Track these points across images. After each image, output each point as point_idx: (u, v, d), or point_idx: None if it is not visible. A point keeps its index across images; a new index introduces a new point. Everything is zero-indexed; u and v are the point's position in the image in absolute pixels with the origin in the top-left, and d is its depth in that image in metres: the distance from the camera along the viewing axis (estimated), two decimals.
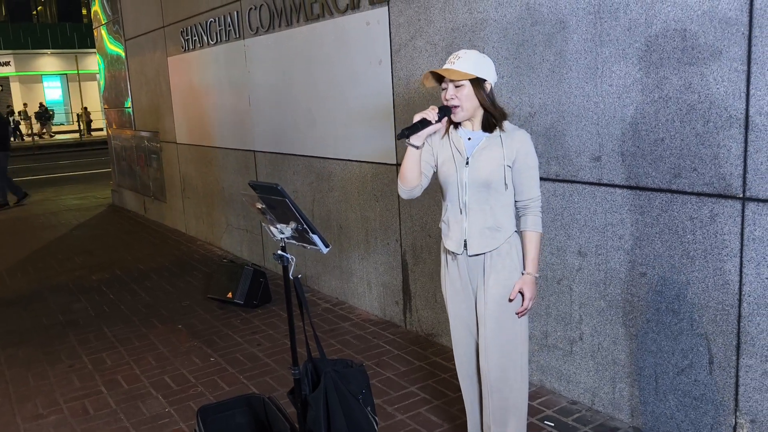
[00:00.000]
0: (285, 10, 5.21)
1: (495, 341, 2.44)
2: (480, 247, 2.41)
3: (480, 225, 2.40)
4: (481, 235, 2.40)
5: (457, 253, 2.46)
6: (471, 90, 2.34)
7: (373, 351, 4.17)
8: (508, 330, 2.44)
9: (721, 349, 2.68)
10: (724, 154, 2.56)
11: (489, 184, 2.37)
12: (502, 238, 2.41)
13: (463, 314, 2.55)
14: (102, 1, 10.00)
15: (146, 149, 9.10)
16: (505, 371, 2.46)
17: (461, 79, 2.31)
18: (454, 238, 2.46)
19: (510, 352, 2.45)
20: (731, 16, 2.47)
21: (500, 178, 2.37)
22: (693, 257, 2.72)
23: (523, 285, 2.41)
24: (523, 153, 2.38)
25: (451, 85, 2.34)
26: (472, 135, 2.42)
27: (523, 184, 2.41)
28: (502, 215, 2.41)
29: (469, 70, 2.32)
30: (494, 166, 2.36)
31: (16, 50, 31.83)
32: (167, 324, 4.91)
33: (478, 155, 2.38)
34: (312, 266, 5.47)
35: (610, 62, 2.90)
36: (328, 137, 4.98)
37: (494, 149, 2.37)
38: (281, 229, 2.45)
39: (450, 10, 3.68)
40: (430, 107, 2.37)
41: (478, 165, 2.37)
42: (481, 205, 2.40)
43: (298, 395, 2.56)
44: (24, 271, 6.79)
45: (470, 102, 2.35)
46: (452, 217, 2.46)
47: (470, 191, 2.39)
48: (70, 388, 3.89)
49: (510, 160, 2.37)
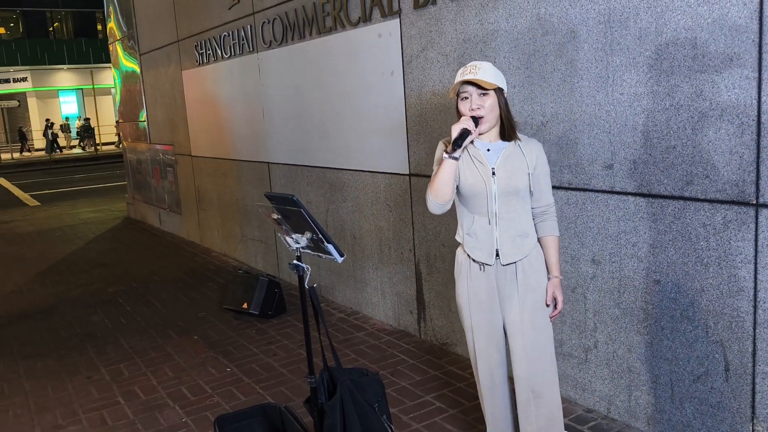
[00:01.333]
0: (298, 24, 5.27)
1: (534, 347, 2.47)
2: (513, 255, 2.44)
3: (511, 233, 2.43)
4: (513, 243, 2.43)
5: (488, 263, 2.46)
6: (494, 99, 2.38)
7: (388, 360, 4.18)
8: (544, 335, 2.49)
9: (737, 356, 2.67)
10: (737, 160, 2.56)
11: (517, 192, 2.42)
12: (530, 244, 2.46)
13: (486, 326, 2.53)
14: (117, 17, 10.15)
15: (161, 162, 9.20)
16: (545, 375, 2.49)
17: (490, 88, 2.35)
18: (485, 249, 2.46)
19: (548, 356, 2.50)
20: (741, 24, 2.48)
21: (526, 186, 2.42)
22: (707, 264, 2.72)
23: (555, 289, 2.48)
24: (542, 161, 2.46)
25: (476, 95, 2.36)
26: (490, 146, 2.45)
27: (542, 190, 2.47)
28: (527, 221, 2.47)
29: (492, 80, 2.35)
30: (520, 174, 2.41)
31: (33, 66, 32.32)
32: (183, 335, 4.95)
33: (503, 165, 2.41)
34: (326, 276, 5.50)
35: (621, 71, 2.91)
36: (341, 148, 5.03)
37: (516, 158, 2.42)
38: (296, 239, 2.48)
39: (461, 21, 3.72)
40: (462, 117, 2.38)
41: (506, 174, 2.41)
42: (510, 213, 2.43)
43: (314, 404, 2.58)
44: (41, 283, 6.87)
45: (493, 112, 2.39)
46: (480, 228, 2.46)
47: (500, 200, 2.42)
48: (88, 399, 3.94)
49: (532, 167, 2.43)
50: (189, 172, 8.21)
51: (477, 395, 3.57)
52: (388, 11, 4.26)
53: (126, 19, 9.69)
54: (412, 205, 4.36)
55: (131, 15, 9.34)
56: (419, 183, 4.26)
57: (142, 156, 10.07)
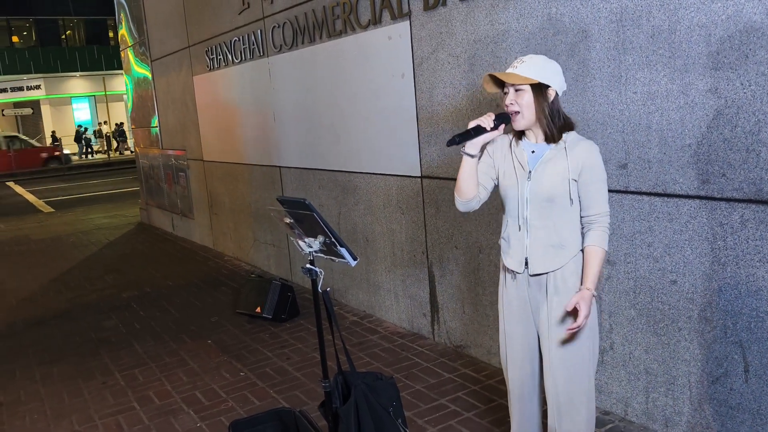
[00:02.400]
0: (308, 28, 5.27)
1: (561, 366, 2.31)
2: (543, 266, 2.28)
3: (543, 242, 2.27)
4: (545, 253, 2.27)
5: (518, 272, 2.34)
6: (532, 96, 2.22)
7: (402, 363, 4.16)
8: (574, 353, 2.30)
9: (757, 357, 2.64)
10: (753, 158, 2.53)
11: (552, 199, 2.24)
12: (567, 256, 2.26)
13: (519, 336, 2.42)
14: (128, 24, 10.22)
15: (174, 167, 9.24)
16: (572, 396, 2.33)
17: (522, 83, 2.21)
18: (515, 256, 2.34)
19: (577, 376, 2.32)
20: (756, 20, 2.45)
21: (564, 193, 2.23)
22: (724, 263, 2.69)
23: (580, 300, 2.19)
24: (589, 165, 2.22)
25: (512, 90, 2.23)
26: (535, 147, 2.30)
27: (590, 198, 2.24)
28: (567, 232, 2.26)
29: (532, 74, 2.20)
30: (558, 180, 2.23)
31: (46, 74, 32.64)
32: (197, 340, 4.96)
33: (542, 168, 2.25)
34: (339, 279, 5.49)
35: (634, 69, 2.89)
36: (353, 151, 5.02)
37: (558, 162, 2.24)
38: (309, 243, 2.47)
39: (471, 22, 3.70)
40: (486, 114, 2.27)
41: (541, 178, 2.25)
42: (544, 221, 2.26)
43: (328, 408, 2.57)
44: (56, 289, 6.92)
45: (531, 109, 2.23)
46: (512, 233, 2.34)
47: (531, 206, 2.27)
48: (104, 405, 3.95)
49: (575, 173, 2.22)
50: (201, 176, 8.24)
51: (492, 398, 3.56)
52: (398, 13, 4.25)
53: (137, 26, 9.75)
54: (424, 207, 4.34)
55: (142, 21, 9.40)
56: (431, 185, 4.24)
57: (154, 161, 10.13)
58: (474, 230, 3.95)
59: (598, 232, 2.25)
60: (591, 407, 2.37)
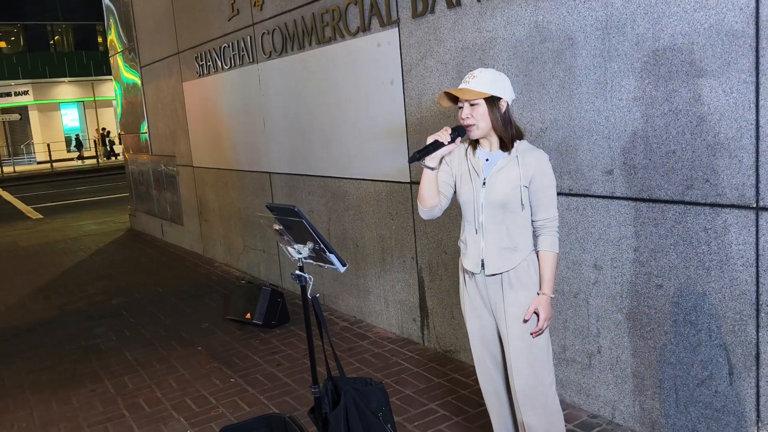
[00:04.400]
0: (297, 34, 5.30)
1: (521, 360, 2.44)
2: (497, 266, 2.42)
3: (497, 245, 2.41)
4: (499, 254, 2.41)
5: (475, 272, 2.48)
6: (486, 108, 2.36)
7: (392, 369, 4.18)
8: (532, 347, 2.44)
9: (741, 360, 2.67)
10: (736, 164, 2.57)
11: (505, 205, 2.38)
12: (519, 257, 2.41)
13: (481, 332, 2.56)
14: (118, 30, 10.20)
15: (163, 173, 9.22)
16: (535, 389, 2.45)
17: (475, 98, 2.34)
18: (472, 258, 2.48)
19: (537, 369, 2.45)
20: (738, 29, 2.50)
21: (516, 199, 2.37)
22: (709, 268, 2.73)
23: (537, 305, 2.40)
24: (540, 173, 2.38)
25: (467, 105, 2.37)
26: (489, 155, 2.44)
27: (540, 203, 2.40)
28: (519, 235, 2.41)
29: (484, 89, 2.33)
30: (510, 187, 2.37)
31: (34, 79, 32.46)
32: (187, 346, 4.96)
33: (495, 176, 2.40)
34: (329, 285, 5.50)
35: (619, 77, 2.93)
36: (342, 157, 5.04)
37: (511, 169, 2.38)
38: (299, 250, 2.49)
39: (459, 29, 3.74)
40: (443, 128, 2.40)
41: (495, 186, 2.39)
42: (498, 225, 2.41)
43: (318, 414, 2.58)
44: (45, 296, 6.88)
45: (486, 121, 2.37)
46: (469, 236, 2.48)
47: (486, 211, 2.41)
48: (93, 413, 3.94)
49: (526, 180, 2.37)
50: (191, 183, 8.24)
51: (481, 403, 3.58)
52: (387, 21, 4.28)
53: (126, 32, 9.74)
54: (413, 212, 4.37)
55: (132, 27, 9.39)
56: None
57: (143, 167, 10.10)
58: None
59: (549, 237, 2.43)
60: (555, 401, 2.50)
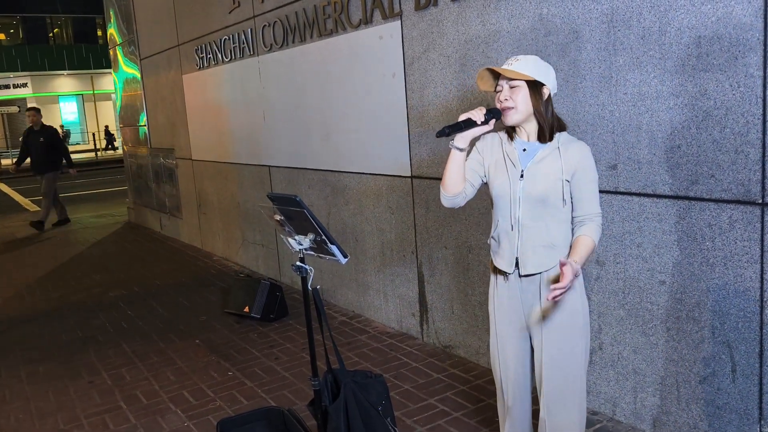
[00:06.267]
0: (299, 27, 5.26)
1: (554, 368, 2.29)
2: (534, 266, 2.25)
3: (534, 242, 2.23)
4: (535, 253, 2.24)
5: (508, 272, 2.30)
6: (527, 93, 2.20)
7: (391, 363, 4.16)
8: (567, 354, 2.29)
9: (744, 357, 2.65)
10: (742, 159, 2.55)
11: (545, 200, 2.21)
12: (558, 256, 2.20)
13: (510, 339, 2.39)
14: (118, 22, 10.16)
15: (162, 166, 9.19)
16: (564, 396, 2.31)
17: (519, 78, 2.19)
18: (505, 257, 2.30)
19: (570, 376, 2.30)
20: (746, 22, 2.47)
21: (558, 193, 2.21)
22: (713, 264, 2.70)
23: (565, 268, 2.04)
24: (582, 166, 2.21)
25: (507, 86, 2.22)
26: (527, 146, 2.27)
27: (582, 198, 2.23)
28: (559, 232, 2.24)
29: (529, 72, 2.19)
30: (552, 180, 2.20)
31: (33, 72, 32.37)
32: (185, 339, 4.93)
33: (534, 168, 2.23)
34: (328, 279, 5.48)
35: (625, 71, 2.90)
36: (343, 151, 5.01)
37: (551, 162, 2.22)
38: (300, 241, 2.46)
39: (463, 22, 3.71)
40: (477, 107, 2.24)
41: (534, 179, 2.22)
42: (536, 221, 2.23)
43: (317, 406, 2.56)
44: (43, 288, 6.85)
45: (525, 105, 2.21)
46: (503, 233, 2.29)
47: (524, 206, 2.23)
48: (90, 404, 3.92)
49: (568, 174, 2.20)
50: (190, 176, 8.20)
51: (480, 398, 3.56)
52: (390, 13, 4.25)
53: (126, 24, 9.69)
54: (414, 207, 4.34)
55: (132, 20, 9.34)
56: (421, 185, 4.24)
57: (142, 160, 10.07)
58: (464, 230, 3.95)
59: (592, 225, 2.24)
60: (582, 407, 2.36)
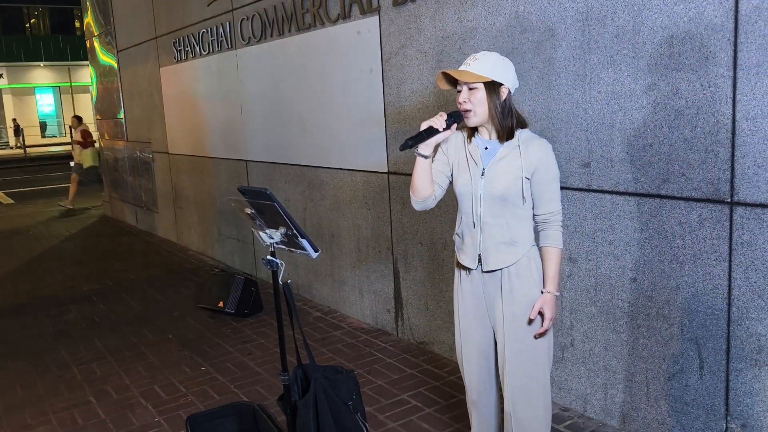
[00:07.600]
0: (277, 21, 5.22)
1: (517, 362, 2.30)
2: (496, 262, 2.27)
3: (496, 239, 2.25)
4: (497, 249, 2.26)
5: (471, 268, 2.32)
6: (485, 94, 2.20)
7: (365, 359, 4.15)
8: (530, 349, 2.29)
9: (711, 354, 2.68)
10: (712, 159, 2.57)
11: (505, 198, 2.22)
12: (519, 252, 2.25)
13: (473, 333, 2.41)
14: (95, 13, 10.02)
15: (138, 160, 9.09)
16: (529, 393, 2.31)
17: (474, 81, 2.18)
18: (468, 253, 2.32)
19: (533, 373, 2.31)
20: (717, 23, 2.49)
21: (518, 191, 2.22)
22: (682, 262, 2.73)
23: (543, 305, 2.24)
24: (544, 164, 2.22)
25: (465, 88, 2.21)
26: (489, 144, 2.28)
27: (542, 197, 2.24)
28: (520, 229, 2.26)
29: (485, 72, 2.18)
30: (511, 179, 2.21)
31: (8, 63, 31.83)
32: (158, 334, 4.88)
33: (495, 166, 2.24)
34: (304, 275, 5.46)
35: (599, 69, 2.92)
36: (320, 146, 4.99)
37: (512, 160, 2.22)
38: (270, 234, 2.44)
39: (440, 18, 3.70)
40: (438, 114, 2.25)
41: (494, 177, 2.23)
42: (497, 218, 2.25)
43: (287, 401, 2.54)
44: (14, 281, 6.74)
45: (484, 107, 2.21)
46: (466, 230, 2.32)
47: (485, 204, 2.25)
48: (58, 399, 3.86)
49: (528, 171, 2.21)
50: (166, 169, 8.12)
51: (453, 394, 3.56)
52: (367, 8, 4.23)
53: (104, 15, 9.57)
54: (390, 203, 4.33)
55: (109, 11, 9.22)
56: (398, 181, 4.24)
57: (119, 154, 9.95)
58: (438, 226, 3.96)
59: (552, 231, 2.27)
60: (547, 401, 2.37)
